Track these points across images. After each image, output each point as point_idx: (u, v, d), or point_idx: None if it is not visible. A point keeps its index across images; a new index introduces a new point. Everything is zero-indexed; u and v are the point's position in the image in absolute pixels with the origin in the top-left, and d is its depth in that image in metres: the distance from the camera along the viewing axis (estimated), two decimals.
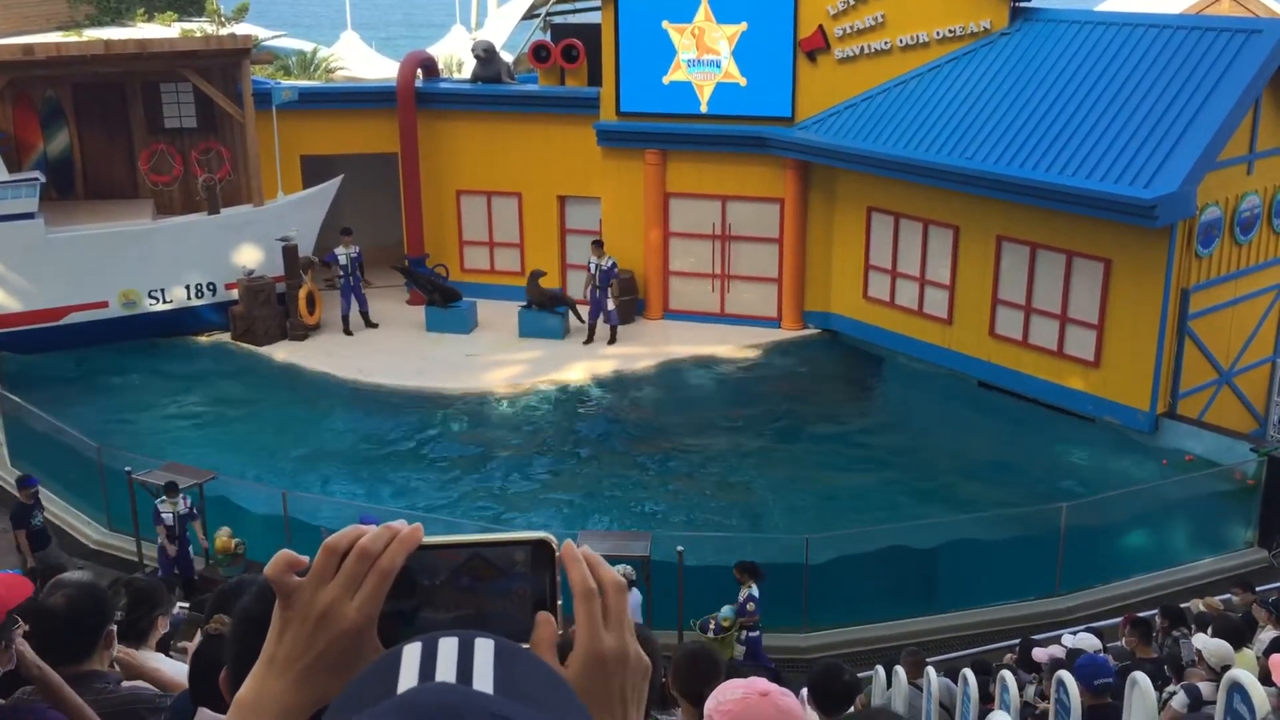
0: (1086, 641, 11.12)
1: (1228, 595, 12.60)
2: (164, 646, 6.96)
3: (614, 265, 20.78)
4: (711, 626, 12.92)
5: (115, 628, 4.28)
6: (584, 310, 21.05)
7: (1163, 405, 17.00)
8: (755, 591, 12.85)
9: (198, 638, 7.36)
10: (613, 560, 12.90)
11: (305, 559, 1.29)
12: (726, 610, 13.08)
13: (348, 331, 21.57)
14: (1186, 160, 15.81)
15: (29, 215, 19.57)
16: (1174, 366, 16.92)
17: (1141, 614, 11.61)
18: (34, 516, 14.11)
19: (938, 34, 19.46)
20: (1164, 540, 15.73)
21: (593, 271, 20.71)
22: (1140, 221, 15.93)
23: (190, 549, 14.28)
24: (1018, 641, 12.45)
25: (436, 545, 1.26)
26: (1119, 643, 11.34)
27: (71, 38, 30.20)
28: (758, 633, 12.98)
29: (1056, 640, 12.05)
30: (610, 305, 20.79)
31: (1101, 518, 15.26)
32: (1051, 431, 17.72)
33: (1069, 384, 17.76)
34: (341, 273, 21.41)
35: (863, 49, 19.93)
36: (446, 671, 1.05)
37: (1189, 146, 15.99)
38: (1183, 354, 16.92)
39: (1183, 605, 11.96)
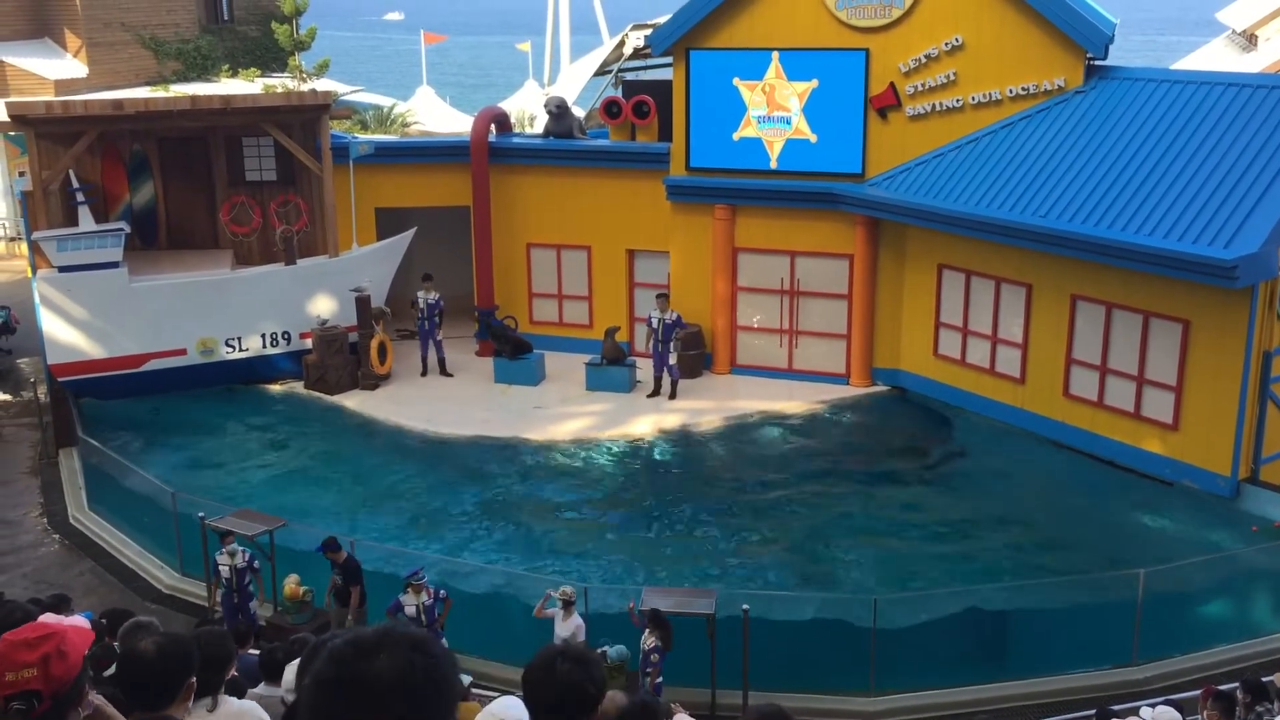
0: (1166, 714, 10.78)
1: None
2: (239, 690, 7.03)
3: (679, 319, 20.83)
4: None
5: (195, 681, 4.32)
6: (646, 364, 21.13)
7: (1244, 470, 16.56)
8: (658, 644, 12.75)
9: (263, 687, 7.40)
10: (673, 616, 12.81)
11: None
12: (615, 652, 12.91)
13: (425, 373, 21.90)
14: (1268, 221, 15.52)
15: (113, 264, 20.13)
16: (1256, 431, 16.50)
17: (1222, 687, 11.22)
18: (337, 573, 14.24)
19: (1010, 91, 19.38)
20: (1245, 610, 15.24)
21: (654, 325, 20.78)
22: (1220, 282, 15.64)
23: (252, 603, 14.39)
24: (1093, 712, 12.10)
25: None
26: (1199, 716, 10.97)
27: (159, 93, 31.20)
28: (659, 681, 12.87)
29: (1134, 712, 11.68)
30: (672, 360, 20.80)
31: (1180, 585, 14.84)
32: (1128, 495, 17.32)
33: (1146, 447, 17.39)
34: (420, 316, 21.79)
35: (934, 106, 19.90)
36: None
37: (1270, 207, 15.70)
38: (1265, 418, 16.50)
39: (1265, 679, 11.55)
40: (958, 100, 19.74)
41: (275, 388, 21.68)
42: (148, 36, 35.79)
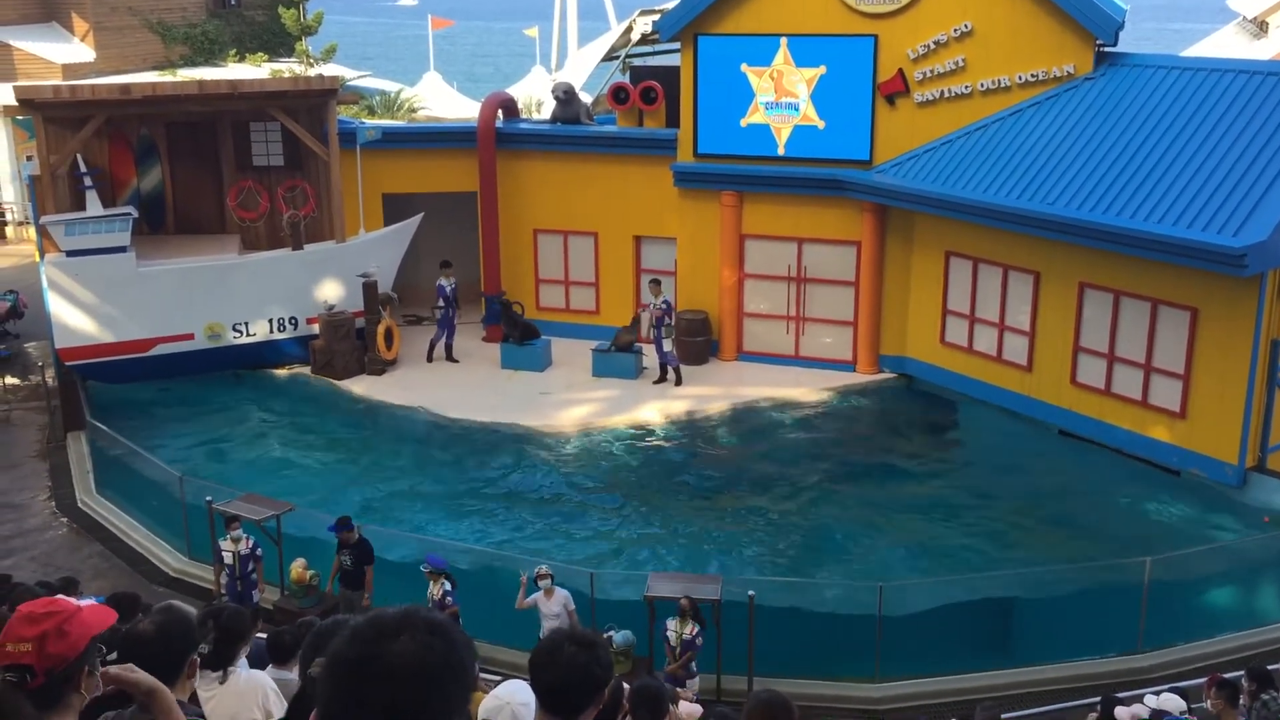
0: (1170, 702, 10.79)
1: None
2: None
3: (667, 304, 20.85)
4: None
5: (198, 657, 4.35)
6: (650, 350, 21.21)
7: (1251, 459, 16.53)
8: (700, 629, 12.85)
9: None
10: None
11: None
12: (620, 637, 12.94)
13: (431, 359, 21.89)
14: (1277, 208, 15.46)
15: (121, 249, 20.15)
16: (1264, 419, 16.47)
17: (1227, 675, 11.23)
18: (344, 555, 14.26)
19: (1020, 78, 19.29)
20: (1251, 598, 15.25)
21: (651, 312, 20.84)
22: (1229, 270, 15.59)
23: (254, 592, 14.41)
24: (1098, 700, 12.11)
25: None
26: (1204, 704, 10.97)
27: (167, 78, 31.19)
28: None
29: (1139, 700, 11.70)
30: (666, 347, 20.79)
31: (1186, 573, 14.84)
32: (1134, 483, 17.31)
33: (1153, 435, 17.36)
34: (444, 303, 21.79)
35: (943, 93, 19.83)
36: None
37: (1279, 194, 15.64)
38: (1273, 406, 16.46)
39: (1270, 668, 11.54)
40: (966, 87, 19.66)
41: (282, 373, 21.71)
42: (155, 21, 35.80)
